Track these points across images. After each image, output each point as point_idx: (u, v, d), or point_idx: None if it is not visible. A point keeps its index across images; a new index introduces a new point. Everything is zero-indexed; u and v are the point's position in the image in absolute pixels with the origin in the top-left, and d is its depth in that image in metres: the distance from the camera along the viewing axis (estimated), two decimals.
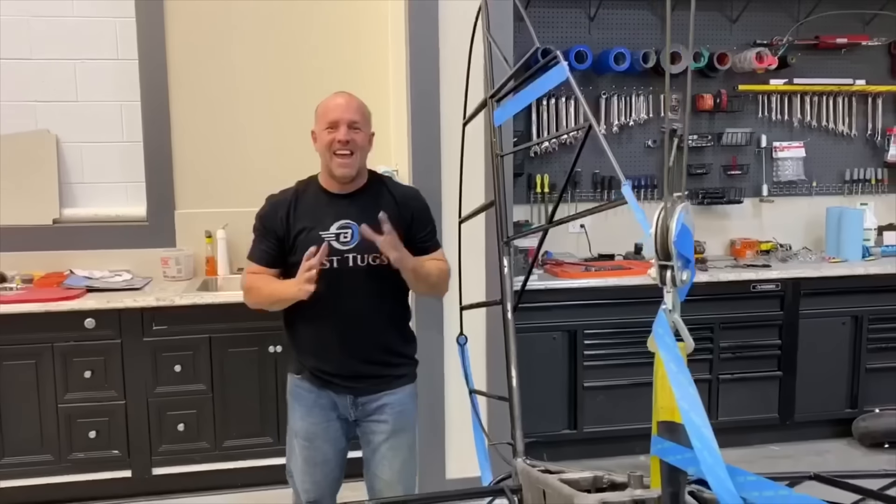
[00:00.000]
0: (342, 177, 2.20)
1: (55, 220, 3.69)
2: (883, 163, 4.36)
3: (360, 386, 2.26)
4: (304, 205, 2.26)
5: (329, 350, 2.24)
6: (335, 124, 2.18)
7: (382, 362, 2.28)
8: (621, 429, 3.69)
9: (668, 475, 1.26)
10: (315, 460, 2.31)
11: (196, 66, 3.73)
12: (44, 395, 3.23)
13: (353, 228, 2.19)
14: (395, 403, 2.30)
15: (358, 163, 2.21)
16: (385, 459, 2.33)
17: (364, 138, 2.22)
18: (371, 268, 2.19)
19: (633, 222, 4.09)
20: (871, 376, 3.90)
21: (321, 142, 2.22)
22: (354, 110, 2.21)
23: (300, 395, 2.32)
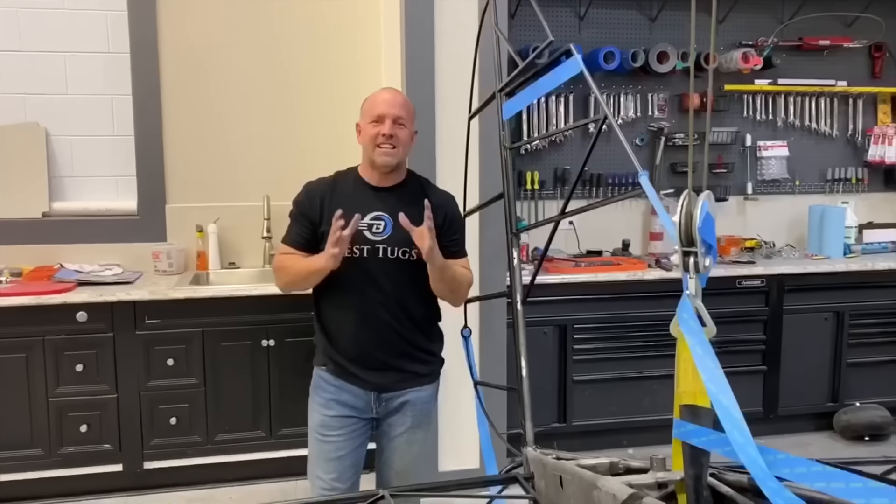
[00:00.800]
0: (383, 165, 2.22)
1: (45, 214, 3.65)
2: (863, 162, 4.46)
3: (383, 382, 2.27)
4: (341, 193, 2.27)
5: (354, 339, 2.25)
6: (381, 118, 2.20)
7: (407, 356, 2.29)
8: (610, 422, 3.74)
9: (690, 458, 1.30)
10: (329, 455, 2.29)
11: (188, 60, 3.72)
12: (34, 389, 3.20)
13: (385, 221, 2.22)
14: (417, 402, 2.33)
15: (399, 156, 2.24)
16: (399, 450, 2.35)
17: (407, 135, 2.25)
18: (400, 261, 2.21)
19: (621, 219, 4.16)
20: (852, 371, 3.99)
21: (366, 134, 2.24)
22: (400, 106, 2.24)
23: (322, 386, 2.32)
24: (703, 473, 1.30)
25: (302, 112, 3.87)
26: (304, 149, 3.82)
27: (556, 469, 1.58)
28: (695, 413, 1.30)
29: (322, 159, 3.84)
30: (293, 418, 3.40)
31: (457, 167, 3.20)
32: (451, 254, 2.28)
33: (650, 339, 3.72)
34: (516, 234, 2.14)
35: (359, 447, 2.35)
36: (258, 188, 3.78)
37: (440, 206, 2.27)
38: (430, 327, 2.38)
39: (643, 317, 3.71)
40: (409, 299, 2.26)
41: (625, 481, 1.30)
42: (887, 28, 4.28)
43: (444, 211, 2.29)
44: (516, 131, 3.99)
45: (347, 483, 2.32)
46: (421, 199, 2.20)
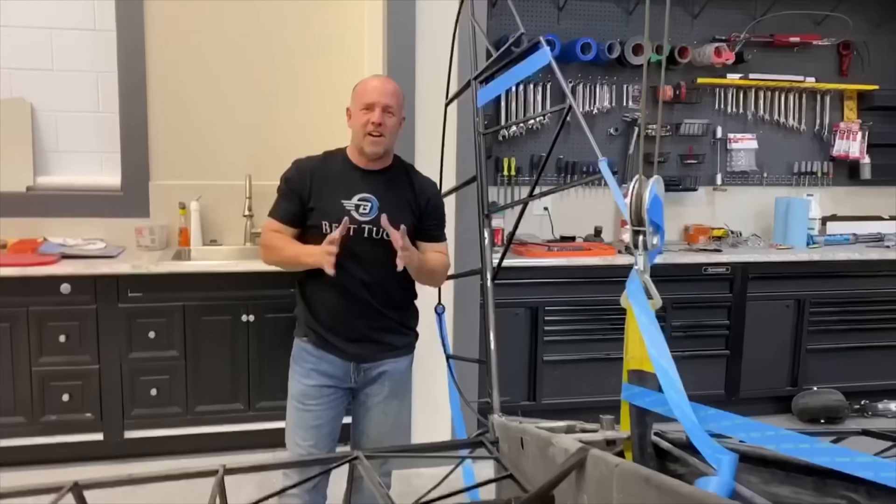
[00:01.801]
0: (371, 154, 2.32)
1: (29, 188, 3.71)
2: (829, 157, 4.62)
3: (363, 352, 2.38)
4: (330, 172, 2.37)
5: (336, 313, 2.35)
6: (371, 106, 2.29)
7: (385, 329, 2.40)
8: (577, 401, 3.88)
9: (636, 418, 1.44)
10: (307, 423, 2.39)
11: (174, 39, 3.79)
12: (18, 358, 3.27)
13: (372, 202, 2.32)
14: (394, 372, 2.44)
15: (387, 144, 2.34)
16: (375, 419, 2.46)
17: (395, 122, 2.35)
18: (384, 241, 2.28)
19: (594, 206, 4.32)
20: (810, 357, 4.16)
21: (356, 120, 2.33)
22: (390, 95, 2.33)
23: (302, 357, 2.42)
24: (648, 432, 1.43)
25: (285, 93, 3.95)
26: (287, 130, 3.91)
27: (517, 431, 1.70)
28: (641, 377, 1.43)
29: (304, 140, 3.93)
30: (271, 391, 3.51)
31: (435, 152, 3.31)
32: (431, 238, 2.41)
33: (618, 322, 3.83)
34: (487, 215, 2.25)
35: (336, 416, 2.45)
36: (240, 168, 3.86)
37: (422, 192, 2.40)
38: (408, 304, 2.50)
39: (612, 301, 3.80)
40: (389, 278, 2.34)
41: (576, 438, 1.43)
42: (855, 27, 4.43)
43: (426, 196, 2.40)
44: (494, 118, 4.09)
45: (324, 450, 2.43)
46: (406, 184, 2.34)
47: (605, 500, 1.15)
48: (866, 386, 4.18)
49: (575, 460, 1.26)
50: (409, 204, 2.37)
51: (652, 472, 1.03)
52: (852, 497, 1.07)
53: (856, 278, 4.15)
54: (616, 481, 1.11)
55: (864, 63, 4.57)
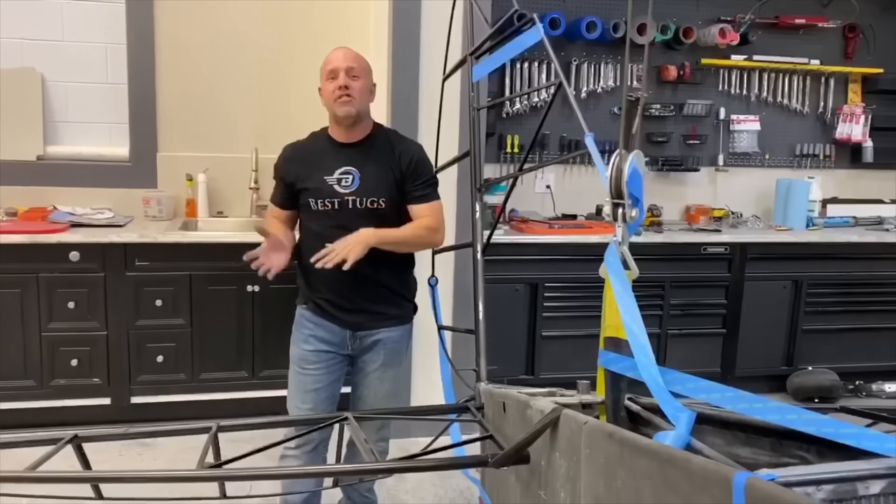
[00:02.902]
0: (344, 116, 2.36)
1: (39, 157, 3.79)
2: (831, 139, 4.63)
3: (358, 320, 2.45)
4: (313, 152, 2.46)
5: (332, 283, 2.41)
6: (335, 73, 2.36)
7: (380, 299, 2.46)
8: (574, 376, 3.91)
9: (611, 383, 1.50)
10: (306, 387, 2.48)
11: (183, 12, 3.84)
12: (28, 324, 3.37)
13: (353, 174, 2.39)
14: (388, 341, 2.50)
15: (357, 105, 2.37)
16: (372, 386, 2.53)
17: (363, 85, 2.39)
18: (369, 210, 2.38)
19: (596, 184, 4.37)
20: (806, 337, 4.21)
21: (325, 92, 2.40)
22: (351, 59, 2.39)
23: (302, 323, 2.51)
24: (621, 397, 1.50)
25: (291, 67, 3.99)
26: (293, 103, 3.95)
27: (499, 396, 1.78)
28: (616, 344, 1.49)
29: (310, 114, 3.99)
30: (275, 360, 3.59)
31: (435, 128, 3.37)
32: (417, 198, 2.44)
33: None
34: (479, 189, 2.31)
35: (334, 381, 2.53)
36: (247, 141, 3.92)
37: (403, 154, 2.43)
38: (403, 273, 2.55)
39: None
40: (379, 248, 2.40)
41: (554, 400, 1.50)
42: (861, 10, 4.43)
43: (407, 157, 2.43)
44: (498, 93, 4.13)
45: (323, 411, 2.50)
46: (386, 151, 2.41)
47: (573, 455, 1.22)
48: (861, 367, 4.23)
49: (549, 419, 1.34)
50: (390, 170, 2.41)
51: (615, 428, 1.10)
52: (805, 456, 1.13)
53: (853, 260, 4.18)
54: (584, 438, 1.18)
55: (870, 46, 4.56)
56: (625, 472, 1.03)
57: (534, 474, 1.43)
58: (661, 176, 4.46)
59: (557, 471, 1.30)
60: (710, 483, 0.82)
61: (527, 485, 1.50)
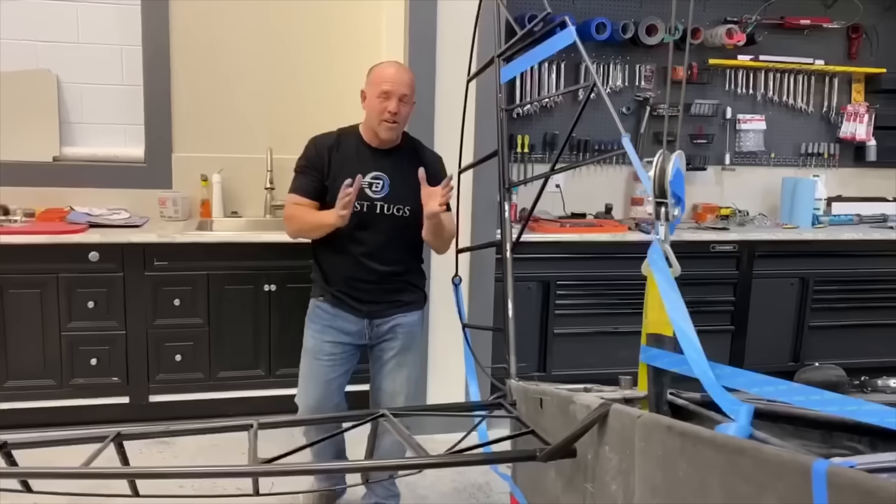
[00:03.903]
0: (387, 140, 2.51)
1: (55, 158, 3.81)
2: (835, 138, 4.69)
3: (374, 308, 2.57)
4: (345, 151, 2.55)
5: (349, 280, 2.55)
6: (388, 94, 2.44)
7: (396, 289, 2.59)
8: (586, 373, 3.97)
9: (653, 378, 1.55)
10: (318, 377, 2.60)
11: (197, 13, 3.86)
12: (47, 323, 3.39)
13: (384, 180, 2.51)
14: (404, 325, 2.63)
15: (400, 130, 2.54)
16: (391, 373, 2.63)
17: (409, 110, 2.53)
18: (395, 217, 2.52)
19: (604, 184, 4.42)
20: (813, 333, 4.27)
21: (372, 105, 2.48)
22: (406, 85, 2.48)
23: (318, 315, 2.62)
24: (664, 391, 1.54)
25: (306, 68, 4.03)
26: (308, 104, 3.99)
27: (536, 392, 1.82)
28: (659, 340, 1.54)
29: (324, 115, 4.01)
30: (291, 359, 3.58)
31: (452, 129, 3.40)
32: None
33: (626, 297, 3.97)
34: (508, 188, 2.35)
35: (345, 372, 2.67)
36: (262, 141, 3.95)
37: (430, 165, 2.56)
38: (415, 267, 2.70)
39: (621, 276, 3.95)
40: (398, 249, 2.57)
41: (598, 396, 1.54)
42: (864, 11, 4.49)
43: (432, 169, 2.55)
44: (509, 96, 4.17)
45: (332, 402, 2.64)
46: (415, 160, 2.52)
47: (626, 448, 1.26)
48: (867, 362, 4.28)
49: (597, 414, 1.38)
50: (418, 182, 2.47)
51: (673, 421, 1.14)
52: (856, 447, 1.18)
53: (859, 258, 4.25)
54: (638, 431, 1.22)
55: (873, 46, 4.63)
56: (687, 463, 1.07)
57: (578, 468, 1.47)
58: None
59: (607, 464, 1.34)
60: (785, 471, 0.85)
61: (570, 479, 1.54)
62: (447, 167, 3.33)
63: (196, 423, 1.66)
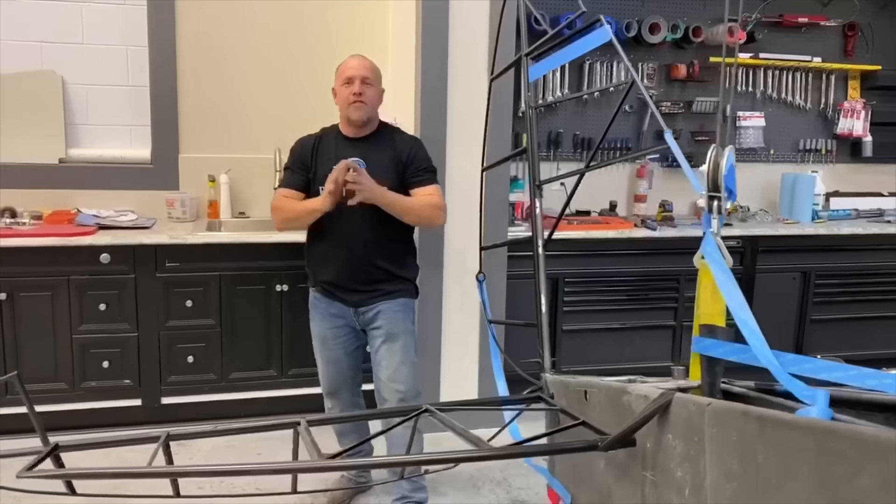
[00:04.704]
0: (357, 119, 2.65)
1: (61, 160, 3.78)
2: (833, 135, 4.77)
3: (357, 298, 2.70)
4: (325, 145, 2.73)
5: (332, 264, 2.70)
6: (351, 80, 2.64)
7: (377, 279, 2.70)
8: (595, 369, 4.02)
9: (706, 368, 1.57)
10: (329, 360, 2.82)
11: (204, 13, 3.85)
12: (59, 326, 3.36)
13: (360, 165, 2.61)
14: (386, 310, 2.72)
15: (370, 110, 2.66)
16: (383, 360, 2.74)
17: (375, 92, 2.69)
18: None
19: (607, 181, 4.43)
20: (815, 326, 4.33)
21: (340, 96, 2.68)
22: (367, 69, 2.68)
23: (317, 304, 2.80)
24: (717, 381, 1.57)
25: (313, 67, 4.01)
26: (315, 104, 3.96)
27: (579, 385, 1.83)
28: (712, 331, 1.56)
29: (331, 114, 4.03)
30: (303, 359, 3.62)
31: (465, 128, 3.43)
32: (418, 182, 2.70)
33: (633, 293, 4.01)
34: (539, 186, 2.38)
35: (353, 352, 2.83)
36: (268, 141, 3.94)
37: (403, 146, 2.70)
38: (401, 256, 2.78)
39: (629, 272, 3.99)
40: (380, 232, 2.67)
41: (654, 386, 1.56)
42: (860, 8, 4.57)
43: (407, 149, 2.70)
44: (515, 97, 4.19)
45: (346, 382, 2.84)
46: (386, 145, 2.69)
47: (694, 436, 1.29)
48: (867, 354, 4.36)
49: (660, 403, 1.40)
50: (392, 160, 2.67)
51: (749, 407, 1.16)
52: None
53: (859, 252, 4.32)
54: (709, 418, 1.24)
55: (869, 44, 4.71)
56: (767, 447, 1.09)
57: (635, 457, 1.49)
58: (670, 171, 4.56)
59: (671, 451, 1.36)
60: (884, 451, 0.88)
61: (624, 468, 1.56)
62: (467, 166, 3.37)
63: (245, 421, 1.66)
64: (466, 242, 3.43)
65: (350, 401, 2.90)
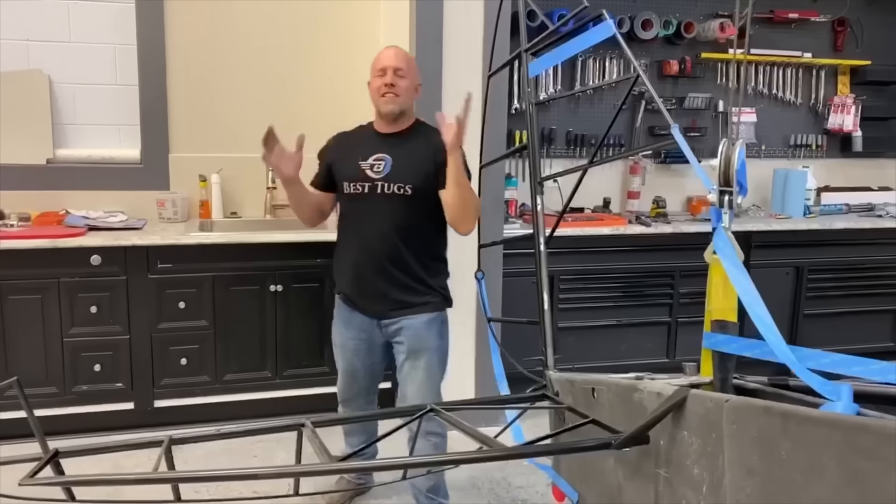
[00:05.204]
0: (388, 112, 2.50)
1: (49, 160, 3.72)
2: (823, 130, 4.79)
3: (380, 309, 2.54)
4: (355, 139, 2.62)
5: (356, 269, 2.55)
6: (384, 71, 2.49)
7: (400, 286, 2.51)
8: (591, 366, 4.01)
9: (718, 364, 1.56)
10: (346, 369, 2.68)
11: (193, 11, 3.80)
12: (49, 329, 3.31)
13: (385, 161, 2.50)
14: (410, 327, 2.54)
15: (402, 103, 2.51)
16: (407, 378, 2.60)
17: (408, 84, 2.52)
18: (396, 196, 2.47)
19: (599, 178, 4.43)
20: (808, 321, 4.35)
21: (372, 87, 2.53)
22: (401, 60, 2.52)
23: (338, 310, 2.68)
24: (729, 376, 1.56)
25: (304, 65, 3.99)
26: (307, 101, 3.96)
27: (586, 382, 1.82)
28: (724, 326, 1.56)
29: (324, 113, 4.00)
30: (298, 360, 3.60)
31: None
32: None
33: (628, 290, 4.01)
34: (540, 182, 2.36)
35: (371, 364, 2.69)
36: (260, 140, 3.88)
37: (438, 146, 2.43)
38: (429, 262, 2.58)
39: (624, 269, 3.98)
40: (405, 233, 2.50)
41: (667, 382, 1.55)
42: (850, 4, 4.58)
43: (441, 149, 2.42)
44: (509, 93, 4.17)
45: (360, 395, 2.71)
46: (420, 140, 2.53)
47: (712, 432, 1.27)
48: (860, 349, 4.38)
49: (675, 400, 1.38)
50: (426, 160, 2.48)
51: (771, 403, 1.15)
52: None
53: (851, 246, 4.33)
54: (727, 414, 1.23)
55: (858, 39, 4.72)
56: (791, 443, 1.07)
57: (647, 454, 1.48)
58: (662, 168, 4.56)
59: (687, 448, 1.35)
60: None
61: (636, 466, 1.55)
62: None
63: (247, 423, 1.64)
64: (463, 240, 3.40)
65: (363, 409, 2.78)
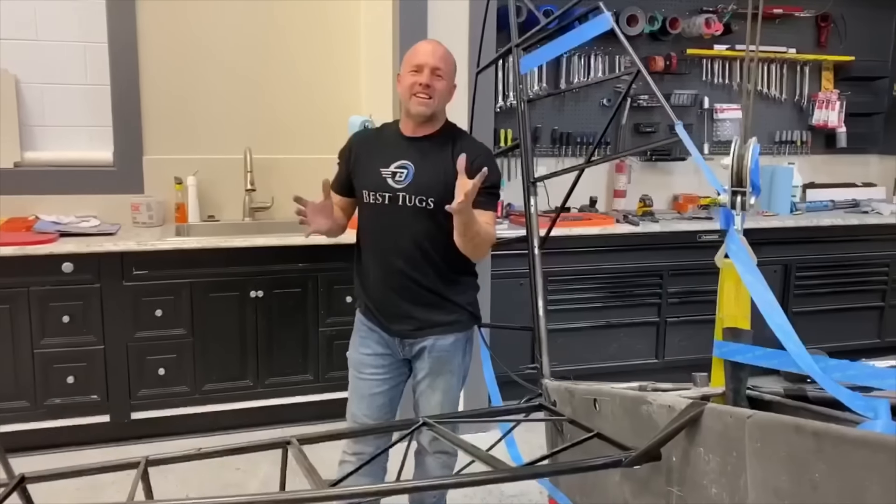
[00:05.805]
0: (417, 115, 2.21)
1: (16, 164, 3.57)
2: (808, 126, 4.76)
3: (403, 328, 2.30)
4: (378, 142, 2.34)
5: (378, 285, 2.30)
6: (420, 68, 2.19)
7: (425, 304, 2.29)
8: (581, 368, 3.95)
9: (731, 373, 1.48)
10: (362, 392, 2.36)
11: (166, 7, 3.67)
12: (19, 341, 3.17)
13: (408, 169, 2.23)
14: (435, 349, 2.32)
15: (434, 106, 2.22)
16: (423, 396, 2.38)
17: (445, 87, 2.23)
18: (417, 209, 2.22)
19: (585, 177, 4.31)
20: (796, 319, 4.29)
21: (403, 84, 2.22)
22: (440, 58, 2.21)
23: (358, 327, 2.40)
24: (742, 387, 1.48)
25: (282, 63, 3.88)
26: (285, 101, 3.85)
27: (588, 393, 1.73)
28: (736, 334, 1.48)
29: (303, 112, 3.89)
30: (280, 367, 3.49)
31: None
32: (478, 204, 2.14)
33: (617, 290, 3.94)
34: (534, 182, 2.28)
35: (394, 387, 2.40)
36: (237, 141, 3.78)
37: (471, 156, 2.13)
38: (456, 277, 2.34)
39: (611, 269, 3.92)
40: (428, 248, 2.26)
41: (678, 393, 1.47)
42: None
43: (473, 160, 2.13)
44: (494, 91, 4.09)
45: (381, 418, 2.38)
46: (448, 147, 2.24)
47: (732, 450, 1.19)
48: (848, 345, 4.36)
49: (689, 415, 1.29)
50: (448, 172, 2.16)
51: (802, 421, 1.07)
52: None
53: (837, 243, 4.31)
54: (750, 432, 1.14)
55: (842, 35, 4.70)
56: (827, 465, 1.00)
57: (658, 471, 1.40)
58: (648, 166, 4.51)
59: (703, 466, 1.27)
60: None
61: (644, 482, 1.47)
62: None
63: (228, 443, 1.54)
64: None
65: (374, 443, 2.40)
